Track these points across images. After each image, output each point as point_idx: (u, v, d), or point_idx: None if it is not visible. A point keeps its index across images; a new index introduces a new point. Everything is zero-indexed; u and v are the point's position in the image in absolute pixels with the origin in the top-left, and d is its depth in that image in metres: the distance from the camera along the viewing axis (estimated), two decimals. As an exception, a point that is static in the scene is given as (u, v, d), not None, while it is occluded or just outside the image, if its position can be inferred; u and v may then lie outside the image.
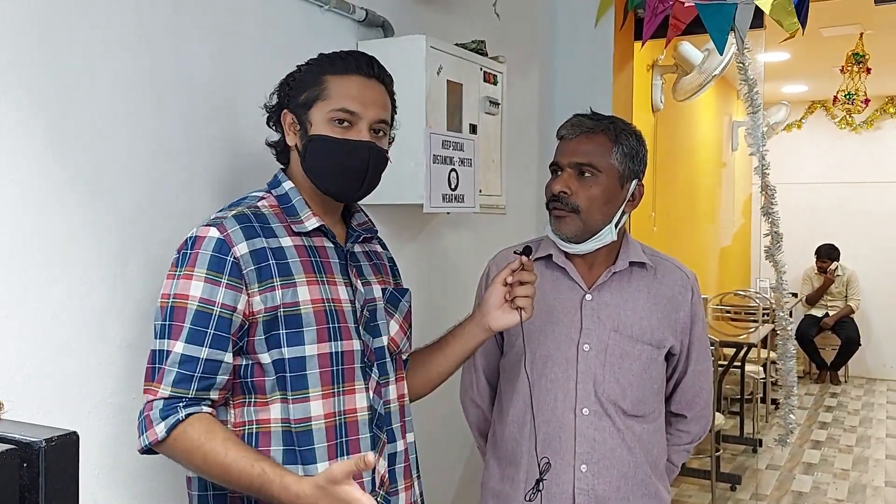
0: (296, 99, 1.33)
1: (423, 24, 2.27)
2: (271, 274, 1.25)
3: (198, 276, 1.22)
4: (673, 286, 1.71)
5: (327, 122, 1.31)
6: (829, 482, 4.74)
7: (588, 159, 1.61)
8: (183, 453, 1.18)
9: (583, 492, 1.63)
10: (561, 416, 1.65)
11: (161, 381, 1.19)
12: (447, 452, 2.55)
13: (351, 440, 1.30)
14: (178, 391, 1.19)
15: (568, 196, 1.61)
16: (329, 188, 1.34)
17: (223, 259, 1.23)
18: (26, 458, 0.68)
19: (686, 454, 1.85)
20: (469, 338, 1.53)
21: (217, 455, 1.16)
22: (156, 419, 1.18)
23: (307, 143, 1.32)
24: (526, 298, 1.47)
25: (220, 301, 1.22)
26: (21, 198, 1.26)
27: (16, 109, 1.25)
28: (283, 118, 1.35)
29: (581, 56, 3.16)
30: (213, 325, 1.21)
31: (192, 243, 1.25)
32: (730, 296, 6.28)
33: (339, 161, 1.31)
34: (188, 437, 1.17)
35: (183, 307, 1.21)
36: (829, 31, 5.11)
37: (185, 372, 1.19)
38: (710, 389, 1.80)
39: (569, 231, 1.63)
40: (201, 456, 1.17)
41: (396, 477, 1.38)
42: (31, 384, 1.28)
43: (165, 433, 1.17)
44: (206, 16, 1.60)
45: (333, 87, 1.31)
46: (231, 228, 1.25)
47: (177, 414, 1.18)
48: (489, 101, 2.29)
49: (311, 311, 1.27)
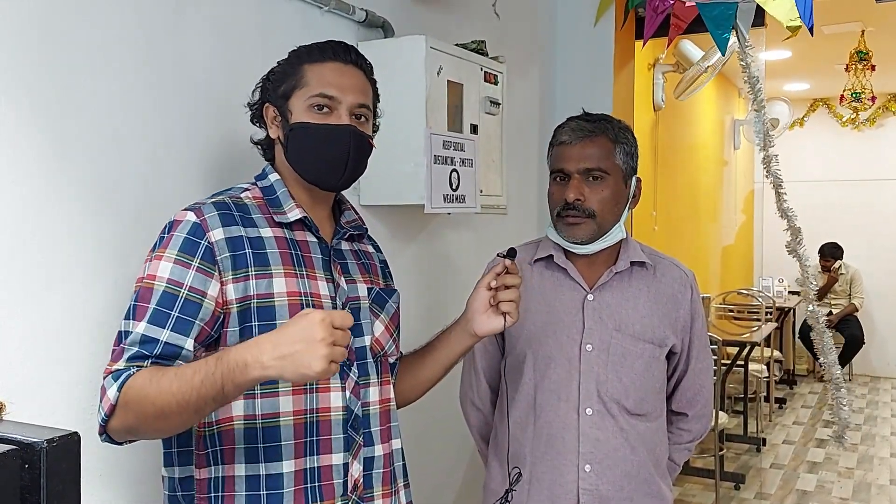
0: (275, 91, 1.33)
1: (423, 25, 2.27)
2: (246, 263, 1.22)
3: (167, 258, 1.19)
4: (672, 284, 1.71)
5: (307, 110, 1.30)
6: (834, 481, 4.73)
7: (596, 163, 1.61)
8: (135, 406, 1.09)
9: (587, 492, 1.63)
10: (564, 416, 1.65)
11: (118, 360, 1.14)
12: (446, 455, 2.55)
13: (322, 440, 1.26)
14: (133, 364, 1.13)
15: (582, 203, 1.61)
16: (312, 176, 1.32)
17: (196, 242, 1.20)
18: (28, 458, 0.68)
19: (687, 453, 1.85)
20: (455, 344, 1.49)
21: (167, 374, 1.09)
22: (108, 386, 1.12)
23: (289, 132, 1.31)
24: (510, 303, 1.42)
25: (189, 284, 1.18)
26: (22, 198, 1.27)
27: (16, 110, 1.25)
28: (266, 112, 1.35)
29: (581, 55, 3.16)
30: (178, 307, 1.17)
31: (169, 227, 1.23)
32: (733, 294, 6.28)
33: (320, 146, 1.30)
34: (136, 380, 1.10)
35: (149, 287, 1.18)
36: (831, 28, 5.10)
37: (143, 352, 1.14)
38: (710, 388, 1.80)
39: (584, 236, 1.63)
40: (153, 396, 1.08)
41: (373, 482, 1.34)
42: (32, 385, 1.28)
43: (118, 391, 1.10)
44: (207, 17, 1.60)
45: (311, 75, 1.31)
46: (208, 214, 1.23)
47: (127, 372, 1.12)
48: (490, 102, 2.29)
49: (285, 303, 1.23)
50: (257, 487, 1.22)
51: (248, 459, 1.22)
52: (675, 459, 1.81)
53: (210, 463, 1.23)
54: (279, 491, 1.22)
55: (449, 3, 2.41)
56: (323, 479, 1.26)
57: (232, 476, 1.22)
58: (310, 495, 1.25)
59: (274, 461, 1.23)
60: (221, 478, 1.22)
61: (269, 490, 1.22)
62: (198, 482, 1.23)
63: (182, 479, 1.25)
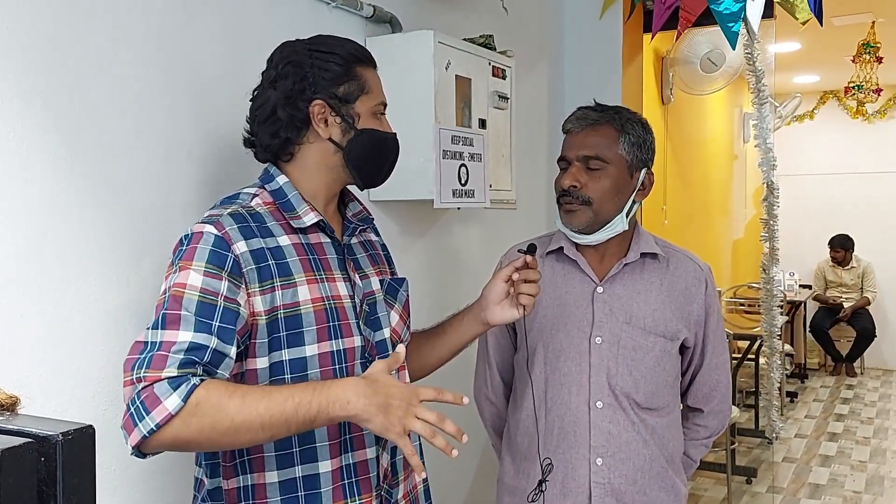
0: (329, 90, 1.29)
1: (431, 20, 2.27)
2: (271, 275, 1.21)
3: (196, 269, 1.15)
4: (686, 278, 1.70)
5: (372, 116, 1.34)
6: (847, 474, 4.71)
7: (595, 151, 1.61)
8: (209, 417, 1.05)
9: (599, 485, 1.63)
10: (575, 409, 1.65)
11: (163, 367, 1.07)
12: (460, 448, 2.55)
13: (355, 437, 1.28)
14: (185, 371, 1.08)
15: (578, 189, 1.61)
16: (367, 178, 1.37)
17: (224, 255, 1.17)
18: (44, 451, 0.69)
19: (704, 449, 1.83)
20: (465, 330, 1.52)
21: (253, 394, 1.08)
22: (164, 394, 1.05)
23: (357, 136, 1.32)
24: (529, 297, 1.45)
25: (224, 293, 1.15)
26: (36, 198, 1.27)
27: (29, 111, 1.26)
28: (313, 109, 1.29)
29: (590, 49, 3.15)
30: (217, 316, 1.13)
31: (188, 240, 1.19)
32: (743, 288, 6.25)
33: (382, 153, 1.37)
34: (212, 395, 1.06)
35: (180, 296, 1.13)
36: (841, 20, 5.06)
37: (192, 357, 1.09)
38: (727, 383, 1.78)
39: (580, 223, 1.62)
40: (233, 411, 1.06)
41: (398, 469, 1.37)
42: (46, 382, 1.29)
43: (182, 401, 1.04)
44: (216, 15, 1.61)
45: (370, 81, 1.34)
46: (229, 227, 1.20)
47: (190, 381, 1.06)
48: (498, 96, 2.29)
49: (311, 310, 1.24)
50: (294, 490, 1.23)
51: (281, 465, 1.23)
52: (691, 455, 1.80)
53: (238, 473, 1.24)
54: (317, 491, 1.24)
55: (456, -2, 2.41)
56: (359, 475, 1.28)
57: (263, 483, 1.23)
58: (348, 491, 1.26)
59: (310, 462, 1.24)
60: (251, 486, 1.23)
61: (308, 491, 1.23)
62: (226, 492, 1.24)
63: (211, 491, 1.26)
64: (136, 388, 1.07)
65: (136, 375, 1.08)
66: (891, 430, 5.63)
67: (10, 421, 0.73)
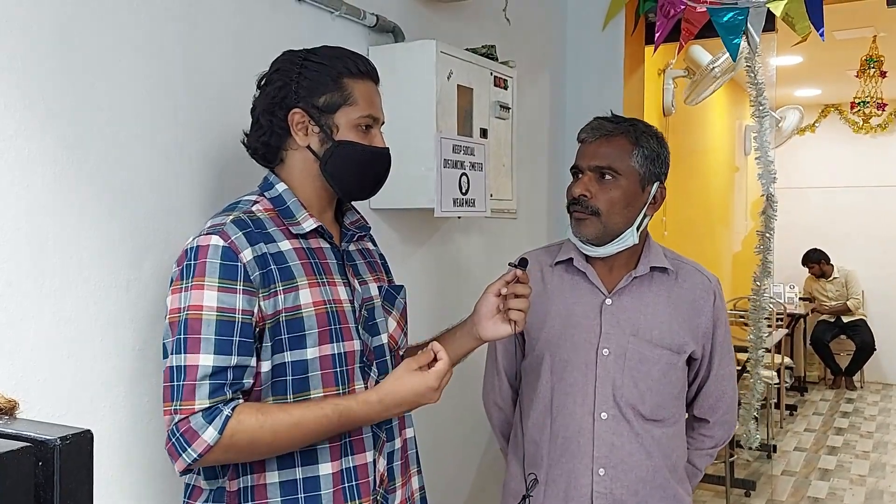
0: (310, 99, 1.30)
1: (434, 30, 2.28)
2: (274, 279, 1.23)
3: (210, 286, 1.18)
4: (694, 290, 1.70)
5: (354, 129, 1.32)
6: (846, 488, 4.69)
7: (607, 162, 1.61)
8: (246, 445, 1.17)
9: (601, 495, 1.63)
10: (580, 420, 1.65)
11: (194, 398, 1.16)
12: (459, 450, 2.54)
13: (354, 440, 1.30)
14: (216, 400, 1.17)
15: (588, 199, 1.61)
16: (346, 191, 1.35)
17: (233, 266, 1.20)
18: (41, 456, 0.69)
19: (709, 458, 1.83)
20: (458, 345, 1.50)
21: (283, 424, 1.18)
22: (200, 428, 1.15)
23: (334, 148, 1.31)
24: (519, 312, 1.43)
25: (240, 308, 1.19)
26: (36, 202, 1.28)
27: (32, 116, 1.27)
28: (292, 117, 1.31)
29: (592, 60, 3.16)
30: (237, 332, 1.19)
31: (195, 253, 1.21)
32: (743, 300, 6.23)
33: (364, 167, 1.34)
34: (245, 425, 1.16)
35: (198, 318, 1.18)
36: (842, 34, 5.08)
37: (217, 382, 1.17)
38: (733, 394, 1.79)
39: (589, 233, 1.63)
40: (269, 435, 1.17)
41: (395, 474, 1.38)
42: (45, 386, 1.29)
43: (218, 434, 1.15)
44: (218, 22, 1.61)
45: (357, 93, 1.31)
46: (234, 235, 1.22)
47: (222, 412, 1.16)
48: (500, 106, 2.30)
49: (312, 313, 1.25)
50: (294, 491, 1.24)
51: (282, 466, 1.24)
52: (696, 465, 1.80)
53: (239, 474, 1.25)
54: (317, 493, 1.25)
55: (459, 7, 2.42)
56: (359, 478, 1.30)
57: (263, 484, 1.24)
58: (348, 494, 1.28)
59: (310, 464, 1.25)
60: (251, 487, 1.24)
61: (308, 493, 1.25)
62: (228, 494, 1.26)
63: (213, 491, 1.27)
64: (173, 419, 1.17)
65: (174, 407, 1.17)
66: (890, 444, 5.62)
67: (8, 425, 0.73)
